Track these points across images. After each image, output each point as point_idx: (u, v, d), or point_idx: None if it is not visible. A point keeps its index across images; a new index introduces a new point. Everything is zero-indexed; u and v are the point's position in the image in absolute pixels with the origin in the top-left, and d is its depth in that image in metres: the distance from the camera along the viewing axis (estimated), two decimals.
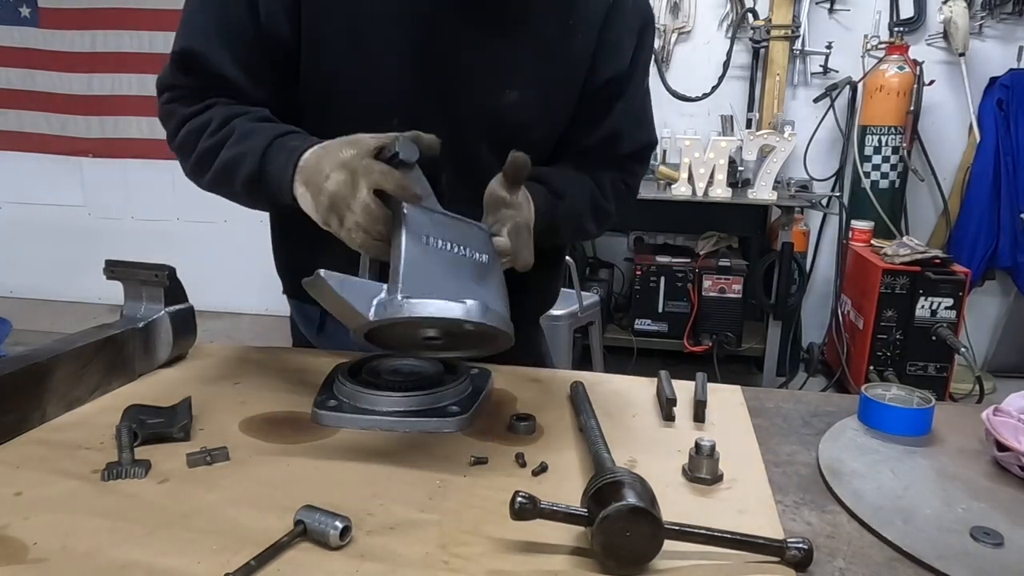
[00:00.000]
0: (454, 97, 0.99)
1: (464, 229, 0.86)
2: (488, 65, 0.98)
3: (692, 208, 3.29)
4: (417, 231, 0.82)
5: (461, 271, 0.84)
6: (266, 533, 0.72)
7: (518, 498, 0.69)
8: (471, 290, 0.83)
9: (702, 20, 3.87)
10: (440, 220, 0.85)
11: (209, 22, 0.95)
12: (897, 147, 3.45)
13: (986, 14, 3.57)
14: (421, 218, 0.83)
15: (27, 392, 0.94)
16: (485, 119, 1.01)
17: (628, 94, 1.08)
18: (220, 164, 0.93)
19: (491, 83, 0.99)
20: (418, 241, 0.82)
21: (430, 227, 0.83)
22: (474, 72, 0.98)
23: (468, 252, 0.85)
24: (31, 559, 0.68)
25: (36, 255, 4.73)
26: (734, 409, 1.08)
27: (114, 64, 4.41)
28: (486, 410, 1.05)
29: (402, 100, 0.98)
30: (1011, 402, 0.92)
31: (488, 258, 0.86)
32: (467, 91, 0.99)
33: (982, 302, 3.82)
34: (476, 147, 1.02)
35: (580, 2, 1.01)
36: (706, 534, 0.70)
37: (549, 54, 1.00)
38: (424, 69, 0.97)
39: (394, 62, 0.96)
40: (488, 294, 0.85)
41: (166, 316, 1.16)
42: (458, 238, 0.85)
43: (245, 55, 0.95)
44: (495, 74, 0.99)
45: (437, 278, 0.82)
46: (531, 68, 1.00)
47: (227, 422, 0.96)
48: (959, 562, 0.70)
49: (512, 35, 0.98)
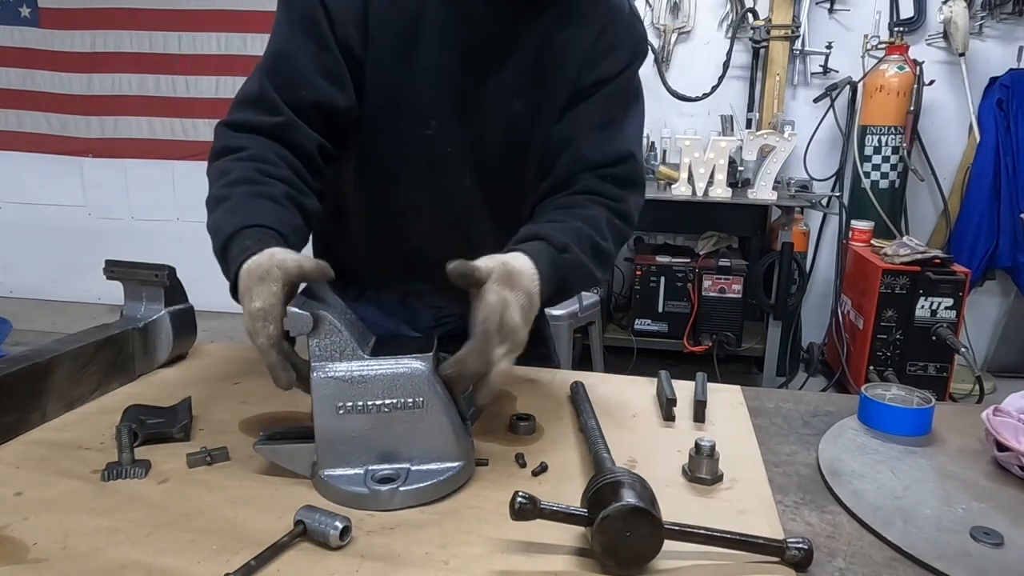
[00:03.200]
0: (475, 105, 1.10)
1: (391, 377, 0.81)
2: (504, 75, 1.09)
3: (692, 208, 3.29)
4: (327, 401, 0.80)
5: (388, 427, 0.81)
6: (266, 533, 0.72)
7: (518, 498, 0.69)
8: (394, 450, 0.81)
9: (702, 20, 3.87)
10: (359, 378, 0.80)
11: (294, 29, 1.07)
12: (897, 147, 3.45)
13: (986, 14, 3.57)
14: (331, 388, 0.80)
15: (27, 392, 0.94)
16: (499, 126, 1.12)
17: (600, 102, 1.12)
18: (210, 222, 0.98)
19: (503, 91, 1.10)
20: (329, 412, 0.80)
21: (344, 392, 0.80)
22: (493, 79, 1.09)
23: (398, 401, 0.81)
24: (31, 559, 0.68)
25: (36, 255, 4.73)
26: (734, 409, 1.08)
27: (114, 64, 4.41)
28: (486, 410, 1.05)
29: (438, 108, 1.10)
30: (1011, 402, 0.92)
31: (423, 399, 0.81)
32: (486, 96, 1.10)
33: (982, 302, 3.82)
34: (492, 149, 1.13)
35: (576, 30, 1.10)
36: (706, 534, 0.70)
37: (547, 68, 1.10)
38: (456, 83, 1.09)
39: (436, 75, 1.08)
40: (417, 443, 0.82)
41: (166, 316, 1.16)
42: (381, 391, 0.80)
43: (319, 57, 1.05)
44: (507, 83, 1.10)
45: (353, 447, 0.81)
46: (532, 79, 1.10)
47: (227, 422, 0.96)
48: (959, 562, 0.70)
49: (524, 47, 1.09)
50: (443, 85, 1.09)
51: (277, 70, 1.06)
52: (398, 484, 0.79)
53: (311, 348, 0.81)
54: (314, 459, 0.82)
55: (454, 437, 0.83)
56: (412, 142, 1.11)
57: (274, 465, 0.85)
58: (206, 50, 4.29)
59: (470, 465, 0.85)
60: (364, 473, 0.80)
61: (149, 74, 4.39)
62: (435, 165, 1.13)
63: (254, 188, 0.97)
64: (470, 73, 1.09)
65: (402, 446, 0.82)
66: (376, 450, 0.81)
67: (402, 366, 0.81)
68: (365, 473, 0.80)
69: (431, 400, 0.81)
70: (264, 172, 1.00)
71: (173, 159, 4.38)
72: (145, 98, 4.42)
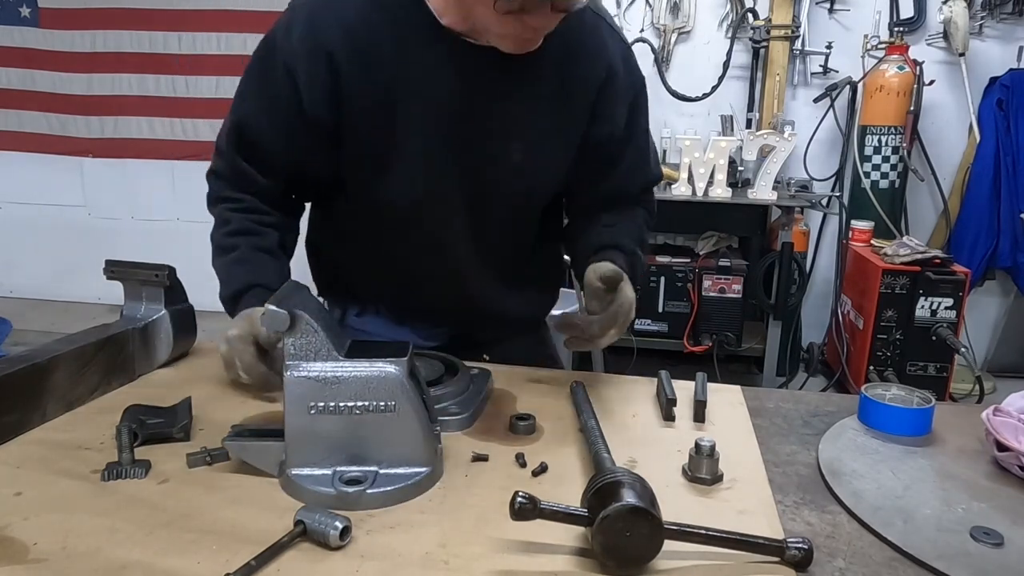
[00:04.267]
0: (469, 153, 1.13)
1: (364, 379, 0.81)
2: (499, 131, 1.12)
3: (692, 208, 3.28)
4: (299, 401, 0.81)
5: (358, 429, 0.81)
6: (266, 533, 0.72)
7: (518, 498, 0.69)
8: (363, 452, 0.82)
9: (702, 20, 3.87)
10: (332, 379, 0.81)
11: (261, 106, 1.13)
12: (897, 147, 3.44)
13: (986, 14, 3.56)
14: (303, 387, 0.81)
15: (27, 392, 0.94)
16: (496, 170, 1.15)
17: (629, 152, 1.22)
18: (218, 265, 1.14)
19: (499, 145, 1.13)
20: (301, 411, 0.81)
21: (316, 392, 0.80)
22: (485, 129, 1.12)
23: (370, 404, 0.81)
24: (31, 559, 0.68)
25: (36, 255, 4.72)
26: (734, 409, 1.08)
27: (114, 64, 4.41)
28: (486, 410, 1.05)
29: (427, 159, 1.12)
30: (1011, 402, 0.92)
31: (395, 403, 0.81)
32: (480, 146, 1.13)
33: (982, 302, 3.82)
34: (491, 198, 1.18)
35: (577, 70, 1.12)
36: (706, 534, 0.70)
37: (548, 111, 1.13)
38: (446, 130, 1.10)
39: (420, 128, 1.10)
40: (387, 446, 0.82)
41: (166, 316, 1.16)
42: (354, 393, 0.81)
43: (289, 134, 1.11)
44: (503, 129, 1.12)
45: (322, 447, 0.81)
46: (533, 130, 1.13)
47: (227, 422, 0.96)
48: (959, 562, 0.70)
49: (515, 95, 1.11)
50: (427, 146, 1.11)
51: (248, 145, 1.14)
52: (365, 486, 0.79)
53: (286, 347, 0.82)
54: (282, 458, 0.82)
55: (423, 442, 0.83)
56: (399, 198, 1.15)
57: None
58: (206, 50, 4.29)
59: (438, 470, 0.85)
60: (332, 474, 0.81)
61: (149, 74, 4.38)
62: (427, 217, 1.18)
63: (254, 240, 1.14)
64: (456, 130, 1.11)
65: (371, 449, 0.82)
66: (345, 451, 0.82)
67: (376, 369, 0.82)
68: (333, 474, 0.81)
69: (403, 404, 0.81)
70: (259, 222, 1.16)
71: (173, 159, 4.37)
72: (145, 98, 4.41)
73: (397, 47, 1.06)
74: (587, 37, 1.12)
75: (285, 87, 1.08)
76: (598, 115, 1.16)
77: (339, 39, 1.05)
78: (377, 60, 1.06)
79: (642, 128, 1.24)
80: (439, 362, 1.12)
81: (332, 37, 1.05)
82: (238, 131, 1.14)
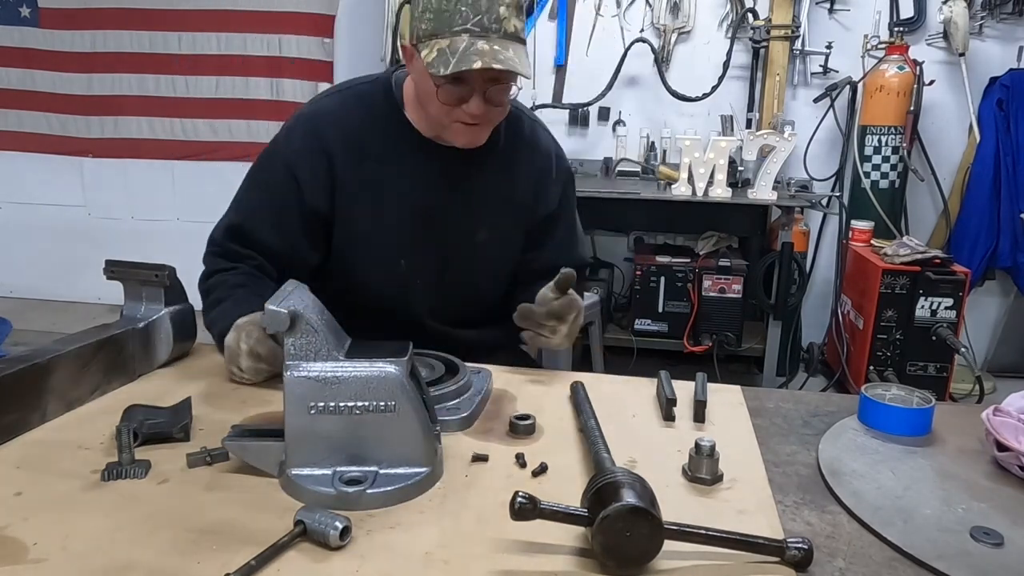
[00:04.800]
0: (442, 240, 1.36)
1: (364, 379, 0.81)
2: (464, 216, 1.36)
3: (692, 208, 3.28)
4: (299, 401, 0.81)
5: (358, 429, 0.81)
6: (266, 533, 0.72)
7: (518, 498, 0.69)
8: (363, 452, 0.82)
9: (702, 20, 3.87)
10: (332, 379, 0.81)
11: (262, 204, 1.32)
12: (897, 147, 3.44)
13: (986, 14, 3.56)
14: (303, 387, 0.81)
15: (27, 392, 0.94)
16: (466, 253, 1.38)
17: (561, 226, 1.47)
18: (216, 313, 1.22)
19: (466, 227, 1.37)
20: (300, 411, 0.81)
21: (316, 391, 0.80)
22: (454, 221, 1.35)
23: (370, 404, 0.81)
24: (31, 559, 0.68)
25: (36, 255, 4.72)
26: (734, 409, 1.08)
27: (114, 64, 4.40)
28: (486, 410, 1.05)
29: (407, 247, 1.34)
30: (1011, 402, 0.92)
31: (395, 403, 0.81)
32: (450, 234, 1.36)
33: (982, 302, 3.81)
34: (463, 274, 1.39)
35: (521, 162, 1.40)
36: (706, 534, 0.70)
37: (502, 202, 1.39)
38: (422, 223, 1.34)
39: (400, 221, 1.33)
40: (387, 446, 0.82)
41: (166, 316, 1.16)
42: (354, 393, 0.81)
43: (286, 227, 1.30)
44: (468, 220, 1.37)
45: (322, 447, 0.81)
46: (491, 213, 1.38)
47: (227, 422, 0.96)
48: (959, 562, 0.70)
49: (477, 193, 1.36)
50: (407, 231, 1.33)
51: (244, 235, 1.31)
52: (365, 486, 0.79)
53: (286, 347, 0.82)
54: (282, 458, 0.82)
55: (423, 442, 0.83)
56: (384, 276, 1.35)
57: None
58: (205, 50, 4.28)
59: (438, 470, 0.85)
60: (332, 474, 0.81)
61: (149, 74, 4.38)
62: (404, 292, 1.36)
63: (249, 290, 1.23)
64: (431, 220, 1.34)
65: (371, 449, 0.82)
66: (345, 451, 0.82)
67: (376, 369, 0.82)
68: (333, 474, 0.81)
69: (403, 404, 0.81)
70: (257, 277, 1.28)
71: (173, 159, 4.37)
72: (145, 98, 4.41)
73: (383, 148, 1.31)
74: (527, 137, 1.41)
75: (285, 184, 1.29)
76: (539, 197, 1.42)
77: (337, 140, 1.29)
78: (367, 157, 1.30)
79: (572, 210, 1.50)
80: (439, 362, 1.12)
81: (330, 137, 1.29)
82: (236, 226, 1.32)
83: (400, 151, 1.32)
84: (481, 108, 1.19)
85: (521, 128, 1.41)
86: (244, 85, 4.23)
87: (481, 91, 1.18)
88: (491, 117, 1.24)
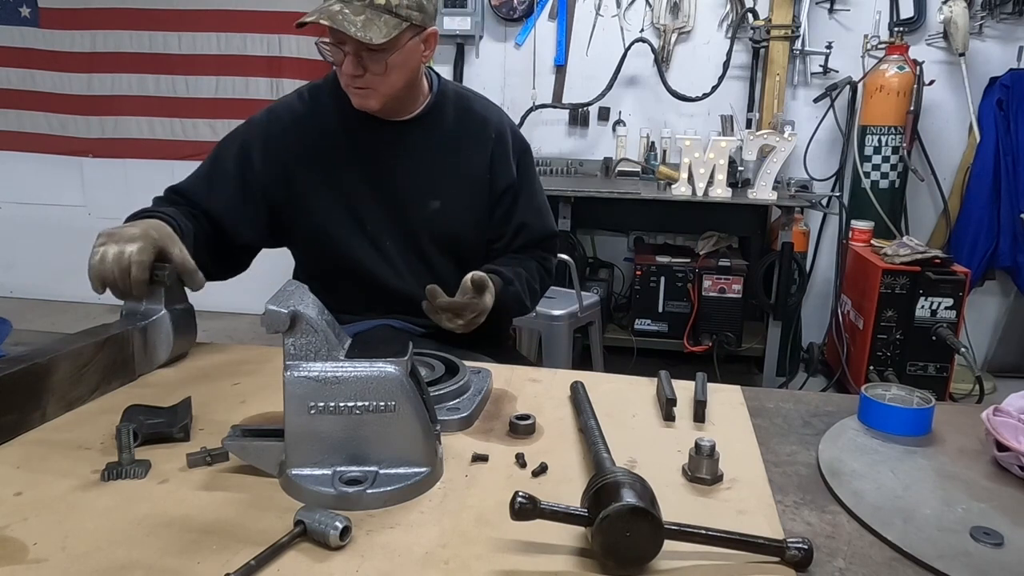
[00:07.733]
0: (400, 210, 1.46)
1: (364, 379, 0.81)
2: (417, 183, 1.47)
3: (692, 208, 3.29)
4: (299, 401, 0.80)
5: (358, 429, 0.81)
6: (266, 533, 0.72)
7: (518, 498, 0.69)
8: (363, 452, 0.82)
9: (702, 20, 3.87)
10: (332, 379, 0.81)
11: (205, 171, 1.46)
12: (897, 147, 3.44)
13: (986, 14, 3.56)
14: (303, 387, 0.80)
15: (27, 392, 0.94)
16: (423, 223, 1.48)
17: (523, 198, 1.55)
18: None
19: (420, 195, 1.47)
20: (300, 411, 0.80)
21: (316, 392, 0.80)
22: (408, 190, 1.46)
23: (370, 404, 0.81)
24: (31, 559, 0.68)
25: (36, 255, 4.72)
26: (734, 409, 1.08)
27: (114, 64, 4.40)
28: (486, 410, 1.05)
29: (367, 218, 1.45)
30: (1011, 402, 0.92)
31: (395, 403, 0.81)
32: (406, 203, 1.47)
33: (982, 302, 3.81)
34: (423, 244, 1.49)
35: (470, 135, 1.51)
36: (706, 534, 0.70)
37: (455, 171, 1.49)
38: (379, 196, 1.45)
39: (359, 196, 1.44)
40: (387, 446, 0.82)
41: (166, 316, 1.16)
42: (354, 393, 0.80)
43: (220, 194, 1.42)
44: (421, 188, 1.47)
45: (322, 447, 0.81)
46: (445, 182, 1.48)
47: (227, 422, 0.96)
48: (959, 562, 0.70)
49: (429, 161, 1.47)
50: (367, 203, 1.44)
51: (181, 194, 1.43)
52: (365, 486, 0.79)
53: (286, 347, 0.81)
54: (282, 458, 0.82)
55: (424, 442, 0.83)
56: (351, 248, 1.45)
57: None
58: (205, 50, 4.28)
59: (438, 470, 0.85)
60: (332, 474, 0.81)
61: (149, 74, 4.38)
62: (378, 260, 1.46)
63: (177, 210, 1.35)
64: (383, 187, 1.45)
65: (371, 449, 0.82)
66: (345, 451, 0.81)
67: (376, 369, 0.81)
68: (333, 474, 0.80)
69: (403, 404, 0.81)
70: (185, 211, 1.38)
71: (173, 159, 4.37)
72: (145, 98, 4.41)
73: (336, 125, 1.44)
74: (477, 115, 1.53)
75: (236, 158, 1.42)
76: (495, 171, 1.51)
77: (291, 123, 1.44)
78: (323, 135, 1.44)
79: (532, 180, 1.59)
80: (439, 362, 1.12)
81: (285, 120, 1.44)
82: (176, 187, 1.44)
83: (350, 126, 1.44)
84: (350, 69, 1.31)
85: (471, 107, 1.54)
86: (244, 85, 4.23)
87: (355, 55, 1.30)
88: (372, 84, 1.34)
